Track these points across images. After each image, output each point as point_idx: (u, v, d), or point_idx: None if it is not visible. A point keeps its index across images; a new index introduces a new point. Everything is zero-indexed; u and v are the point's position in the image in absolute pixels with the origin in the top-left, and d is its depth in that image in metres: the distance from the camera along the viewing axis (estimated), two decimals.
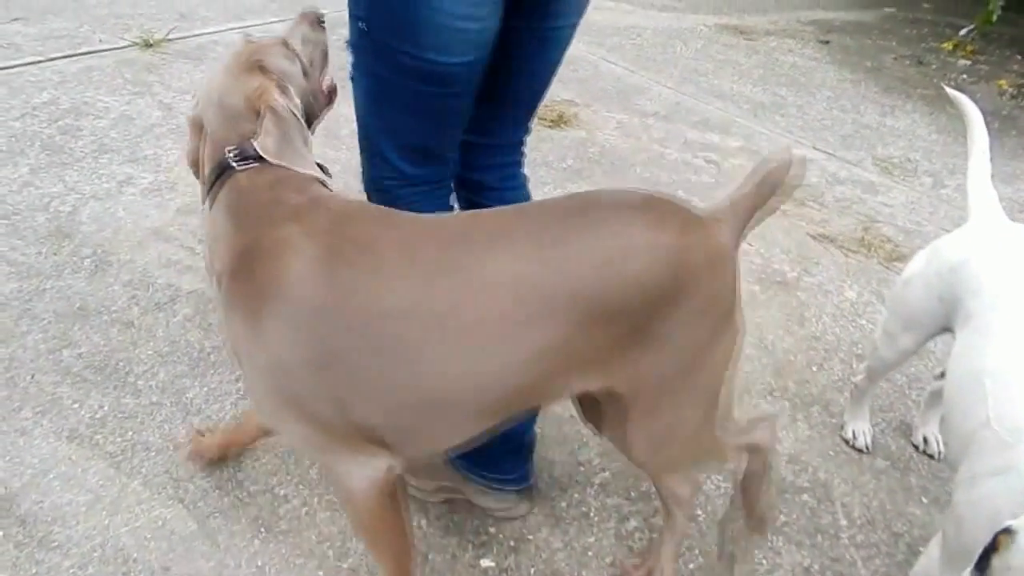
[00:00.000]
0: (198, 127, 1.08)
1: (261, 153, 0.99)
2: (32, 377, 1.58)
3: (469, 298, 0.89)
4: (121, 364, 1.62)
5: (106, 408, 1.50)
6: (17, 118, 2.49)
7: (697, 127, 2.83)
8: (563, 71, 3.45)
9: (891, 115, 3.05)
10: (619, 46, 3.51)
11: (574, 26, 1.26)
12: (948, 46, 3.79)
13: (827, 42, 3.73)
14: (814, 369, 1.75)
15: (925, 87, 3.34)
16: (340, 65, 1.18)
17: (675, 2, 4.20)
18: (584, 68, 3.25)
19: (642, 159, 2.58)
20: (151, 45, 3.06)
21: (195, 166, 1.11)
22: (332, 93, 1.18)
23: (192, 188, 2.06)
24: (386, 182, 1.21)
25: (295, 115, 1.03)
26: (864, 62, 3.55)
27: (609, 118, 2.84)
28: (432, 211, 1.12)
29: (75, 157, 2.33)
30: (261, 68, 1.05)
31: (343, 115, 1.26)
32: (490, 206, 1.23)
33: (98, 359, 1.63)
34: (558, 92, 3.01)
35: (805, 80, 3.32)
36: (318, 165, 1.04)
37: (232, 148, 1.01)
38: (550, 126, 2.74)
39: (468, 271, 0.91)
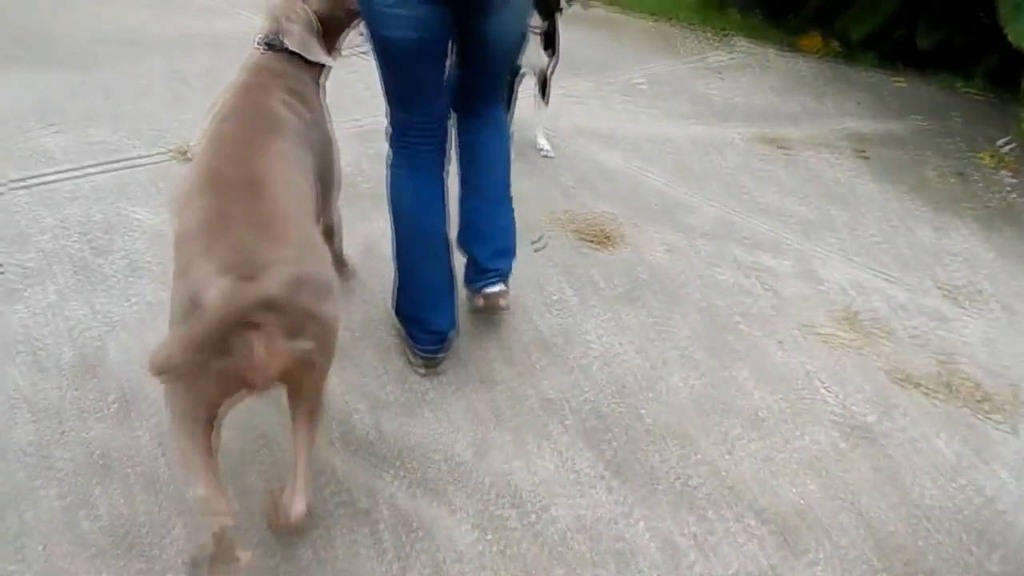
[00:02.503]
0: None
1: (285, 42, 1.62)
2: (43, 548, 1.40)
3: None
4: (144, 532, 1.45)
5: None
6: (49, 235, 2.42)
7: (747, 247, 2.72)
8: (602, 184, 3.41)
9: (945, 235, 2.94)
10: (656, 158, 3.47)
11: (515, 28, 1.84)
12: (987, 159, 3.75)
13: (866, 156, 3.69)
14: (920, 544, 1.55)
15: (973, 203, 3.26)
16: None
17: (706, 112, 4.21)
18: (623, 181, 3.19)
19: (695, 282, 2.46)
20: (186, 156, 3.02)
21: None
22: (354, 13, 1.72)
23: None
24: (392, 123, 1.85)
25: (305, 14, 1.63)
26: (906, 177, 3.49)
27: (655, 236, 2.75)
28: (415, 143, 1.82)
29: (105, 277, 2.23)
30: None
31: None
32: (479, 124, 1.96)
33: (118, 526, 1.45)
34: (599, 206, 2.94)
35: (850, 196, 3.24)
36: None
37: (263, 37, 1.65)
38: (596, 246, 2.65)
39: None
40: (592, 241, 2.68)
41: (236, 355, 1.12)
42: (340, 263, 2.01)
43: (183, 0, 5.95)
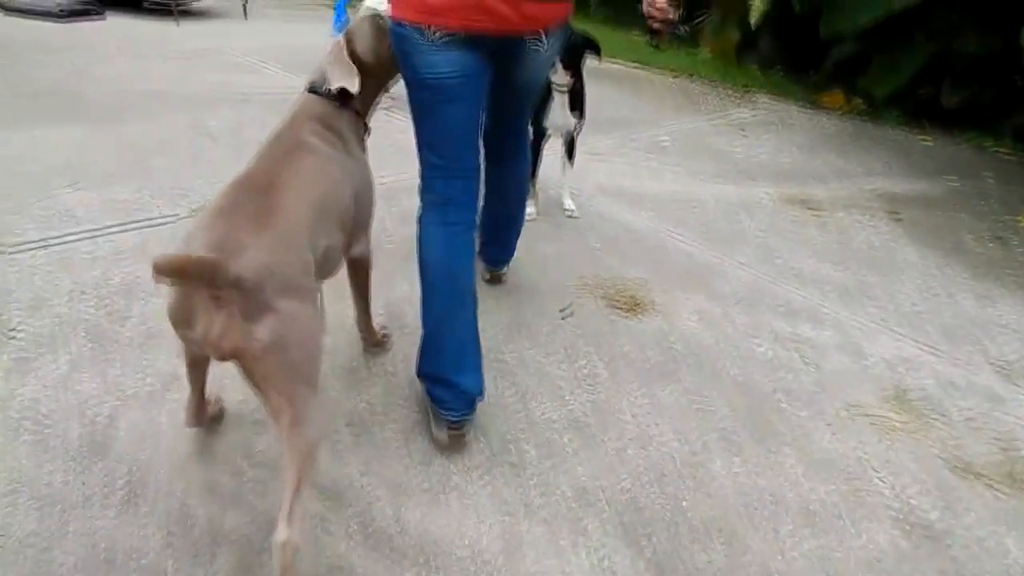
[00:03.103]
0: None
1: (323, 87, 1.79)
2: None
3: None
4: None
5: None
6: (65, 299, 2.36)
7: (783, 315, 2.61)
8: (629, 246, 3.31)
9: (990, 303, 2.81)
10: (683, 219, 3.40)
11: (534, 77, 1.93)
12: None
13: (899, 217, 3.60)
14: None
15: (1015, 270, 3.13)
16: None
17: (731, 171, 4.15)
18: (651, 243, 3.11)
19: (731, 355, 2.35)
20: None
21: None
22: (394, 69, 1.84)
23: (244, 392, 1.85)
24: (423, 172, 1.89)
25: (346, 60, 1.77)
26: (942, 240, 3.38)
27: (687, 303, 2.64)
28: (447, 193, 1.86)
29: (120, 346, 2.15)
30: (345, 34, 1.84)
31: None
32: (506, 159, 2.22)
33: None
34: (627, 270, 2.85)
35: (886, 260, 3.13)
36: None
37: (310, 82, 1.82)
38: (625, 314, 2.55)
39: None
40: (622, 308, 2.58)
41: (198, 325, 1.28)
42: (366, 302, 2.10)
43: (211, 55, 6.06)
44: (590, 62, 2.94)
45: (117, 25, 7.33)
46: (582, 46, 2.86)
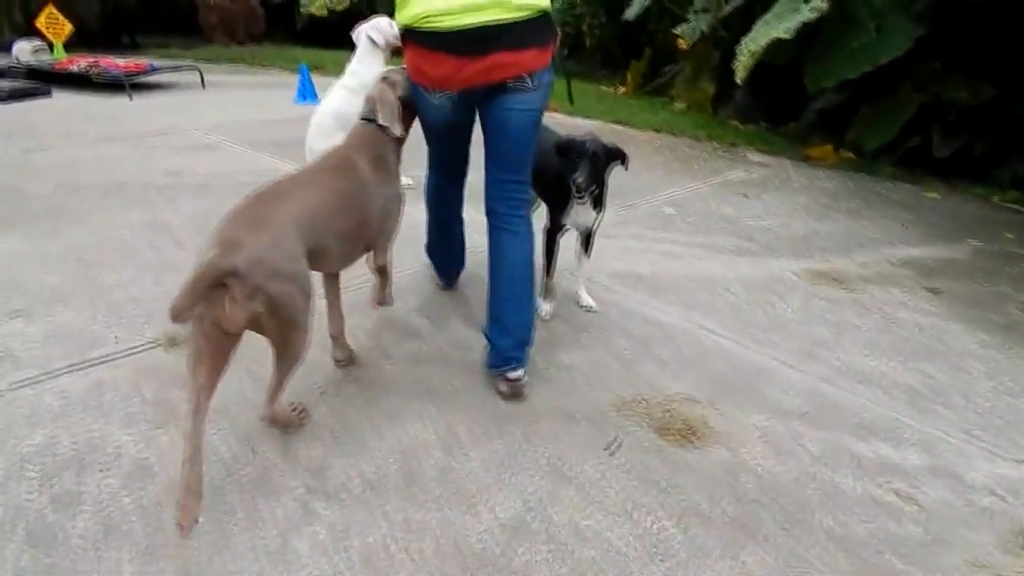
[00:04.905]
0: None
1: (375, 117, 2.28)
2: None
3: None
4: None
5: None
6: (1, 480, 1.88)
7: (858, 433, 2.27)
8: (663, 349, 2.91)
9: None
10: (711, 307, 3.07)
11: (524, 111, 2.25)
12: None
13: (938, 291, 3.33)
14: None
15: None
16: None
17: (745, 243, 3.87)
18: (686, 343, 2.76)
19: (817, 496, 1.98)
20: (177, 344, 2.54)
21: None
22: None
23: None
24: (430, 165, 2.70)
25: (392, 101, 2.29)
26: (992, 317, 3.11)
27: (747, 424, 2.29)
28: (451, 193, 2.76)
29: (69, 549, 1.69)
30: (385, 78, 2.38)
31: None
32: (502, 229, 2.37)
33: None
34: (668, 382, 2.49)
35: (941, 348, 2.84)
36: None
37: (364, 112, 2.32)
38: (680, 443, 2.17)
39: None
40: (675, 436, 2.21)
41: (214, 306, 1.66)
42: (384, 294, 2.48)
43: (168, 134, 5.63)
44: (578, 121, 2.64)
45: (64, 104, 6.86)
46: (608, 157, 2.60)
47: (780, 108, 6.96)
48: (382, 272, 2.37)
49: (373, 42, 3.72)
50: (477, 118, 2.36)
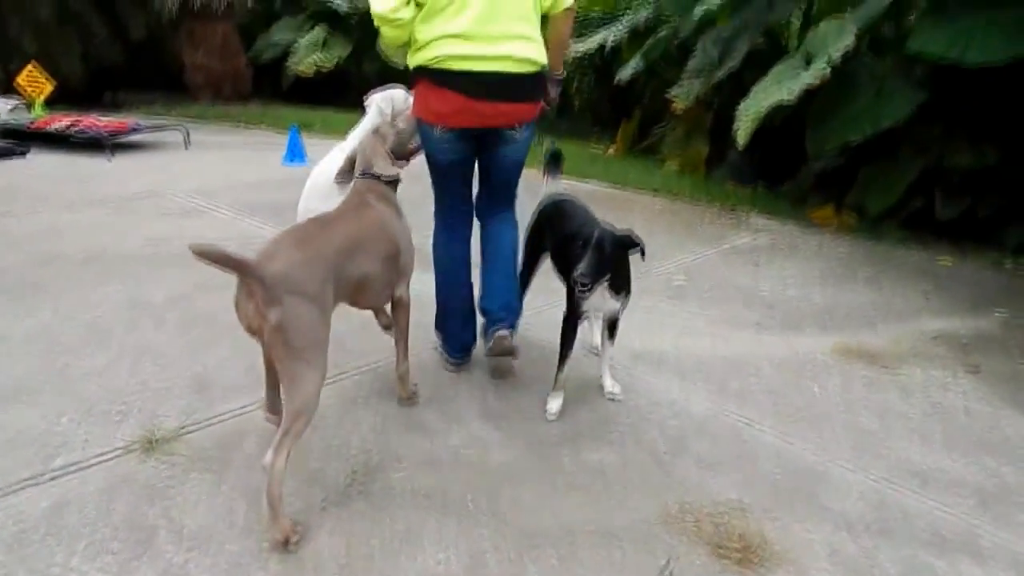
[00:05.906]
0: (351, 160, 2.52)
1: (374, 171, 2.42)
2: None
3: None
4: None
5: None
6: None
7: (933, 548, 2.01)
8: (700, 445, 2.70)
9: None
10: (744, 393, 2.84)
11: (512, 154, 2.62)
12: None
13: (978, 370, 3.14)
14: None
15: None
16: None
17: (767, 316, 3.67)
18: (723, 437, 2.51)
19: None
20: (154, 446, 2.23)
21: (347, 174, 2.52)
22: (415, 152, 2.62)
23: None
24: (436, 209, 2.79)
25: (387, 152, 2.47)
26: None
27: (809, 538, 2.02)
28: (455, 231, 2.77)
29: None
30: (376, 131, 2.59)
31: None
32: (494, 222, 2.79)
33: None
34: (714, 487, 2.22)
35: (997, 437, 2.62)
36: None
37: (362, 168, 2.43)
38: (740, 566, 1.89)
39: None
40: (733, 556, 1.93)
41: (240, 308, 1.86)
42: (405, 345, 2.54)
43: (150, 198, 5.36)
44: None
45: (41, 164, 6.58)
46: (616, 246, 2.39)
47: (775, 168, 6.91)
48: (400, 304, 2.44)
49: (383, 112, 3.53)
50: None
